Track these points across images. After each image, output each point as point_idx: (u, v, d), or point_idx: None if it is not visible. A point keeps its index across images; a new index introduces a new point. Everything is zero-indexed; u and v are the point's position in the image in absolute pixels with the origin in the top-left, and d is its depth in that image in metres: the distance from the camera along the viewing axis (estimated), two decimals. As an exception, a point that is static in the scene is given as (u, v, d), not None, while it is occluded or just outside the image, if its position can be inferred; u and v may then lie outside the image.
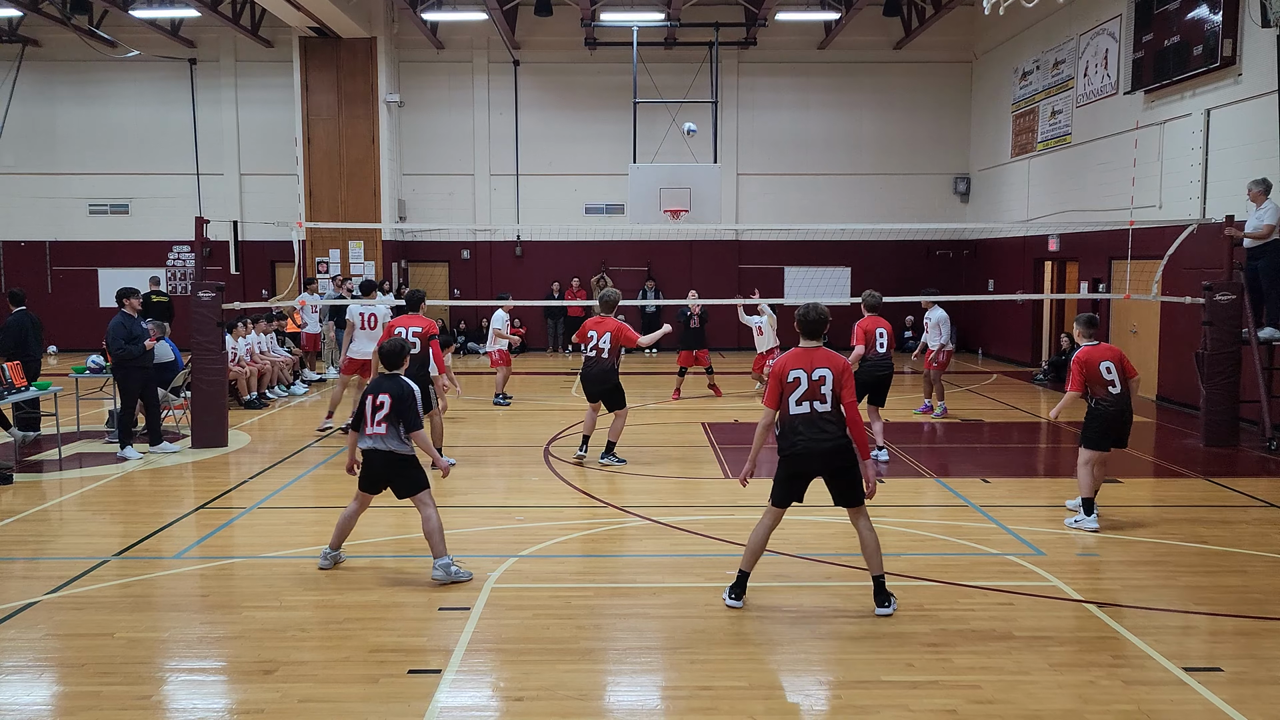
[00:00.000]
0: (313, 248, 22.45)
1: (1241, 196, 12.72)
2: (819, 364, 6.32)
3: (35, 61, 23.58)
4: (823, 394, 6.28)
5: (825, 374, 6.29)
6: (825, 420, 6.30)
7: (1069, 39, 18.59)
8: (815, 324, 6.43)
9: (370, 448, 6.98)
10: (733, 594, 6.51)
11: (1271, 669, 5.55)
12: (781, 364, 6.40)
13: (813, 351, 6.39)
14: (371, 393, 7.00)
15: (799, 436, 6.33)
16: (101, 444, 12.16)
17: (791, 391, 6.32)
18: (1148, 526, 8.45)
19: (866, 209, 23.57)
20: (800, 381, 6.30)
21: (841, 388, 6.30)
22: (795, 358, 6.38)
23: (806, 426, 6.31)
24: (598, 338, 10.55)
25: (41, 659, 5.76)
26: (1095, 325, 8.65)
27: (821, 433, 6.29)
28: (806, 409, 6.30)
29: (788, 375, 6.33)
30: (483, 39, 23.60)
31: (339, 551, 7.35)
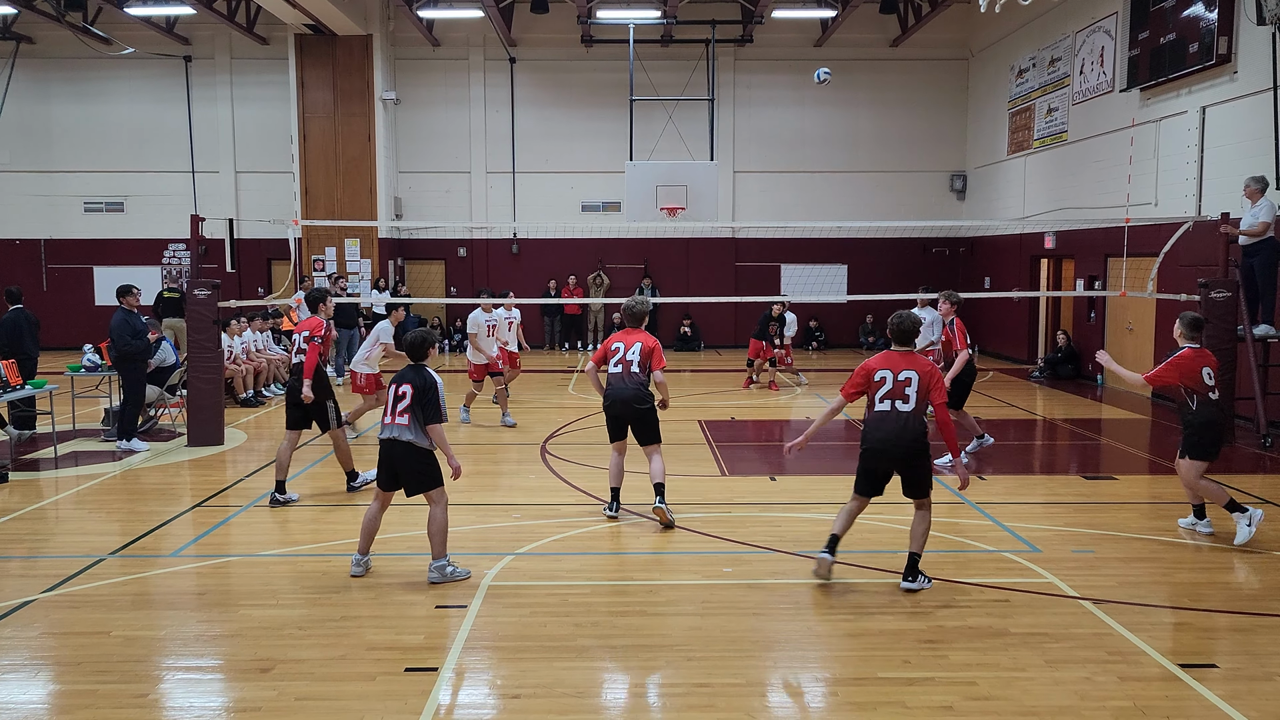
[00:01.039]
0: (309, 245, 22.43)
1: (1237, 194, 12.74)
2: (905, 366, 6.71)
3: (30, 59, 23.52)
4: (906, 394, 6.66)
5: (911, 376, 6.68)
6: (906, 419, 6.65)
7: (1065, 36, 18.61)
8: (907, 332, 6.87)
9: (390, 437, 6.89)
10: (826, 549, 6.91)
11: (1266, 665, 5.57)
12: (868, 364, 6.85)
13: (901, 355, 6.81)
14: (396, 382, 6.95)
15: (879, 433, 6.70)
16: (97, 442, 12.15)
17: (876, 390, 6.74)
18: (1143, 523, 8.47)
19: (863, 206, 23.58)
20: (886, 381, 6.70)
21: (930, 390, 6.66)
22: (882, 359, 6.82)
23: (882, 424, 6.69)
24: (625, 349, 8.59)
25: (38, 657, 5.75)
26: (1200, 328, 8.11)
27: (902, 431, 6.64)
28: (889, 407, 6.69)
29: (874, 375, 6.76)
30: (479, 36, 23.58)
31: (368, 556, 7.17)
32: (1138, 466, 11.07)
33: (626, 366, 8.47)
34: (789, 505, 9.18)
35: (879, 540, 8.00)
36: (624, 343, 8.61)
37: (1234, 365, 11.92)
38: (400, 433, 6.85)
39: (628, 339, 8.63)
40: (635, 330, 8.70)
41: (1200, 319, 8.16)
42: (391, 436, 6.89)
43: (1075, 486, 9.79)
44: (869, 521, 8.45)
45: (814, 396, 16.19)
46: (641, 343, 8.53)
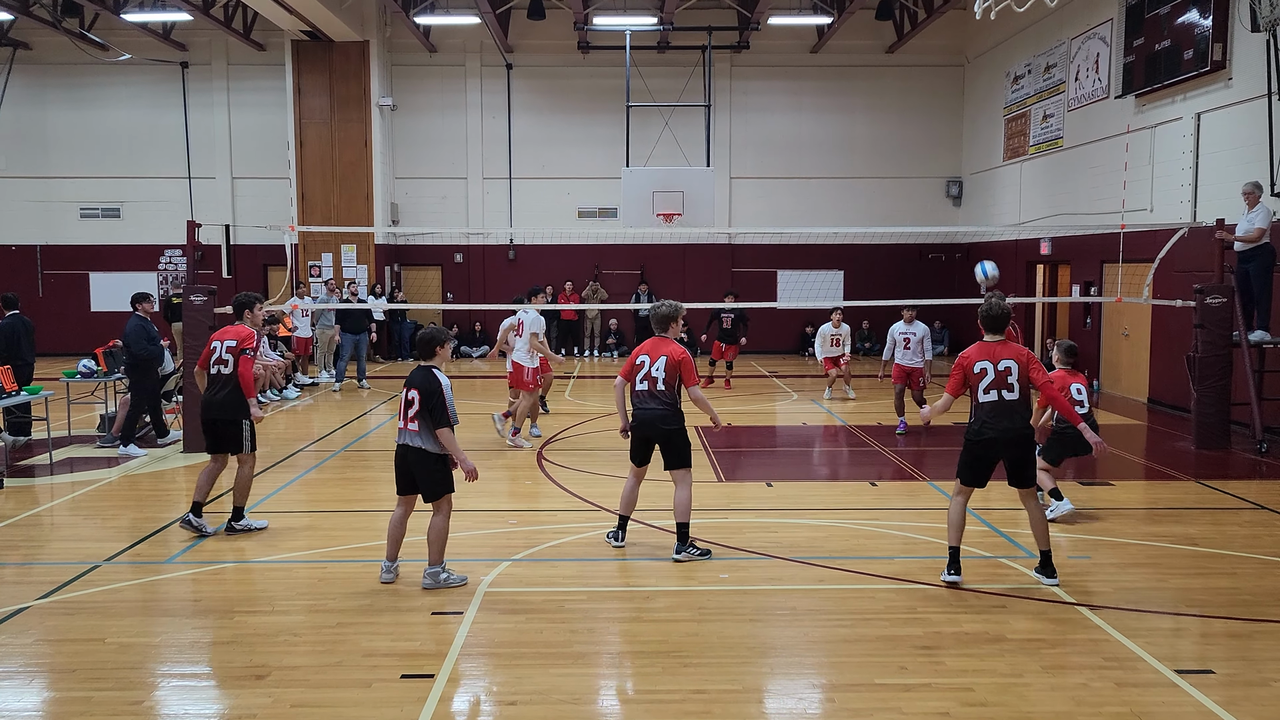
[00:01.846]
0: (305, 251, 22.42)
1: (1232, 200, 12.77)
2: (1003, 355, 6.77)
3: (26, 65, 23.52)
4: (1010, 383, 6.72)
5: (1011, 365, 6.73)
6: (1013, 408, 6.75)
7: (1060, 43, 18.66)
8: (998, 319, 6.88)
9: (402, 443, 6.88)
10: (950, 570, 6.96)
11: (1263, 671, 5.57)
12: (967, 356, 6.87)
13: (995, 345, 6.84)
14: (406, 386, 6.88)
15: (987, 424, 6.78)
16: (93, 448, 12.12)
17: (979, 381, 6.78)
18: (1139, 529, 8.47)
19: (859, 212, 23.62)
20: (987, 372, 6.75)
21: (1030, 373, 6.75)
22: (979, 350, 6.85)
23: (995, 415, 6.76)
24: (650, 363, 7.65)
25: (32, 664, 5.73)
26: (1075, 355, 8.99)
27: (1009, 420, 6.74)
28: (995, 397, 6.74)
29: (974, 367, 6.80)
30: (475, 42, 23.61)
31: (397, 562, 7.09)
32: (1133, 472, 11.08)
33: (652, 384, 7.59)
34: (785, 511, 9.17)
35: (876, 547, 8.00)
36: (649, 355, 7.69)
37: (1230, 371, 11.94)
38: (411, 439, 6.83)
39: (654, 350, 7.69)
40: (663, 340, 7.75)
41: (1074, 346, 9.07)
42: (404, 443, 6.88)
43: (1071, 492, 9.77)
44: (866, 527, 8.46)
45: (809, 402, 16.20)
46: (668, 355, 7.61)
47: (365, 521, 8.75)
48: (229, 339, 8.26)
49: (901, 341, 13.31)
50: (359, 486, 10.29)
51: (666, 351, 7.62)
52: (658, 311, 7.82)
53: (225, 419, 8.21)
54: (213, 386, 8.25)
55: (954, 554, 6.98)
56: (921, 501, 9.56)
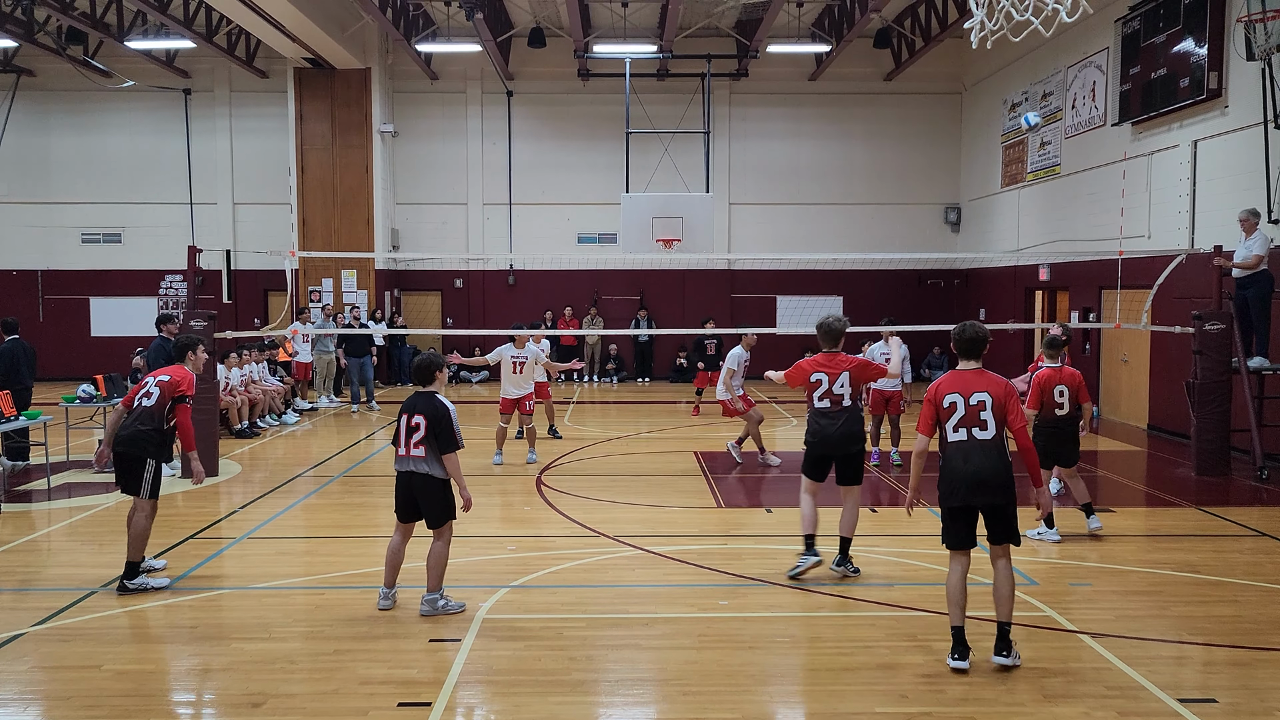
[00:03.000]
0: (306, 277, 22.46)
1: (1229, 227, 12.81)
2: (977, 387, 5.89)
3: (30, 91, 23.65)
4: (983, 420, 5.83)
5: (984, 399, 5.85)
6: (987, 449, 5.81)
7: (1057, 71, 18.79)
8: (973, 342, 6.06)
9: (406, 470, 6.86)
10: (955, 655, 5.88)
11: (1266, 700, 5.53)
12: (935, 388, 6.02)
13: (968, 374, 6.01)
14: (407, 412, 6.87)
15: (968, 467, 5.82)
16: (90, 474, 12.09)
17: (948, 418, 5.90)
18: (1140, 556, 8.44)
19: (858, 238, 23.68)
20: (956, 406, 5.87)
21: (1007, 412, 5.85)
22: (951, 381, 5.99)
23: (966, 456, 5.83)
24: (830, 381, 7.55)
25: (28, 691, 5.69)
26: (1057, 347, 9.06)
27: (984, 463, 5.80)
28: (964, 436, 5.85)
29: (942, 400, 5.92)
30: (476, 70, 23.76)
31: (395, 589, 7.05)
32: (1134, 499, 11.05)
33: (836, 401, 7.44)
34: (785, 538, 9.14)
35: (876, 574, 7.96)
36: (828, 372, 7.51)
37: (1229, 398, 11.94)
38: (417, 465, 6.83)
39: (831, 367, 7.53)
40: (834, 354, 7.63)
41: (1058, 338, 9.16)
42: (409, 470, 6.87)
43: (1072, 519, 9.75)
44: (866, 554, 8.41)
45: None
46: (850, 370, 7.52)
47: (363, 547, 8.72)
48: (163, 375, 7.69)
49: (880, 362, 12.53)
50: (357, 512, 10.26)
51: (846, 365, 7.56)
52: (833, 327, 7.66)
53: (132, 454, 7.46)
54: (129, 417, 7.56)
55: (958, 635, 5.89)
56: (922, 528, 9.50)
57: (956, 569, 5.99)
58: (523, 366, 12.80)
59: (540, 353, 13.25)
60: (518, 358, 12.78)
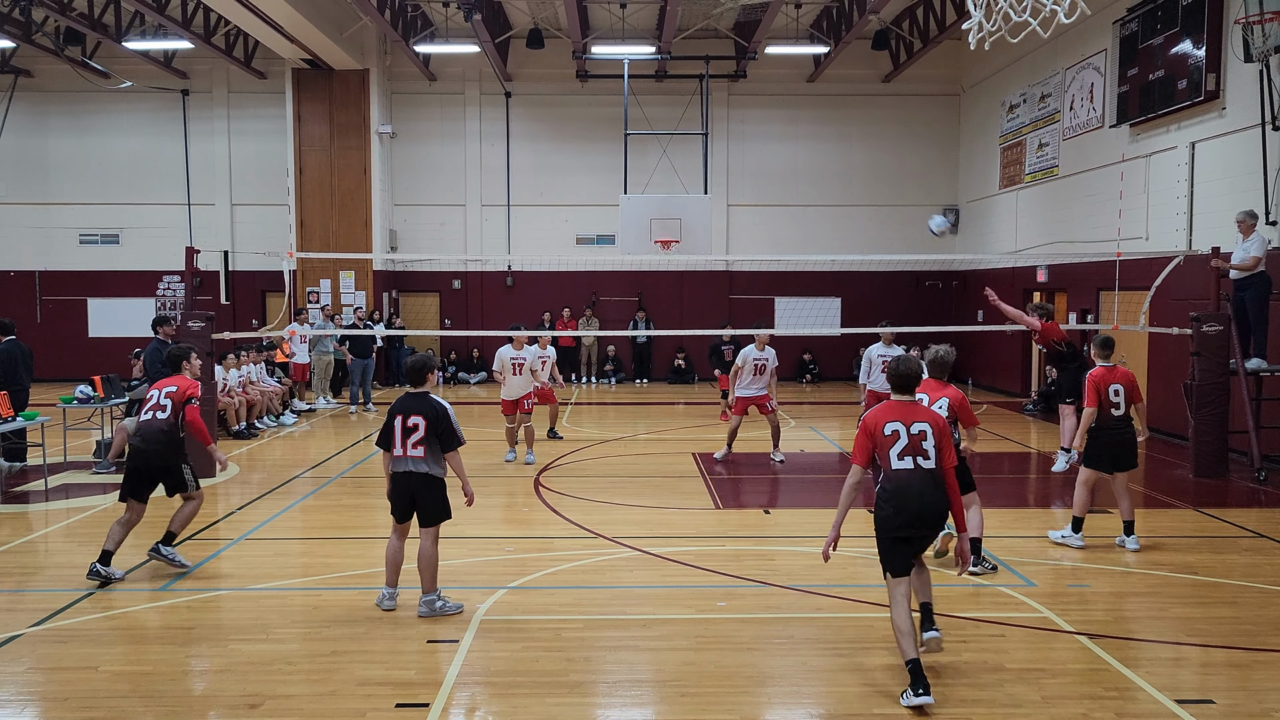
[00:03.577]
0: (304, 278, 22.44)
1: (1227, 228, 12.82)
2: (917, 417, 5.79)
3: (28, 92, 23.62)
4: (924, 449, 5.73)
5: (925, 429, 5.75)
6: (933, 480, 5.73)
7: (1055, 73, 18.81)
8: (907, 378, 5.91)
9: (405, 470, 6.89)
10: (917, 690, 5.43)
11: (1264, 701, 5.53)
12: (874, 418, 5.83)
13: (906, 405, 5.87)
14: (401, 413, 6.89)
15: (914, 495, 5.69)
16: (88, 475, 12.08)
17: (890, 445, 5.75)
18: (1138, 557, 8.44)
19: (856, 240, 23.69)
20: (899, 435, 5.75)
21: (942, 450, 5.77)
22: (889, 411, 5.84)
23: (912, 487, 5.70)
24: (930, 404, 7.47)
25: (24, 693, 5.68)
26: (1110, 347, 8.80)
27: (930, 497, 5.71)
28: (910, 465, 5.72)
29: (883, 429, 5.77)
30: (475, 71, 23.76)
31: (397, 589, 7.07)
32: (1132, 501, 11.02)
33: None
34: (783, 539, 9.14)
35: (874, 575, 7.93)
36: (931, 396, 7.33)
37: (1227, 399, 11.95)
38: (416, 465, 6.88)
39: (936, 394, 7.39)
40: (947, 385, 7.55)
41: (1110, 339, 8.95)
42: (408, 470, 6.89)
43: (1068, 519, 9.76)
44: (864, 555, 8.41)
45: (807, 429, 16.18)
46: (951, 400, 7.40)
47: (361, 549, 8.71)
48: (169, 386, 8.07)
49: (880, 365, 12.06)
50: (355, 513, 10.25)
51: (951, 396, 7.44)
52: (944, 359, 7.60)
53: (168, 466, 7.95)
54: (147, 433, 7.93)
55: (915, 668, 5.50)
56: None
57: (900, 599, 5.73)
58: (521, 367, 12.86)
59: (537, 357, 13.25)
60: (516, 359, 12.84)
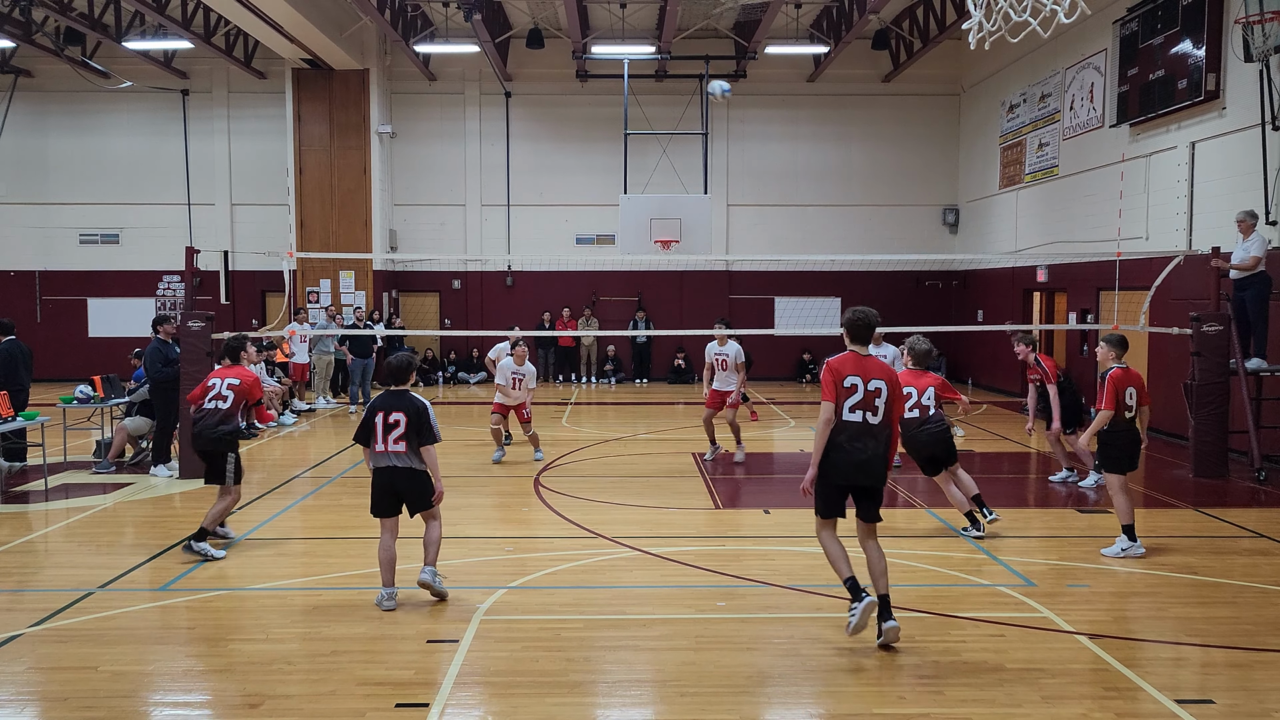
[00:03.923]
0: (303, 278, 22.44)
1: (1226, 228, 12.83)
2: (874, 374, 6.18)
3: (27, 92, 23.62)
4: (875, 405, 6.14)
5: (881, 386, 6.16)
6: (877, 433, 6.17)
7: (1055, 73, 18.80)
8: (867, 327, 6.28)
9: (388, 465, 7.02)
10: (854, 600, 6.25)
11: (1264, 701, 5.53)
12: (839, 364, 6.18)
13: (866, 359, 6.24)
14: (382, 410, 7.03)
15: (861, 447, 6.13)
16: (88, 475, 12.08)
17: (846, 398, 6.13)
18: (1138, 558, 8.43)
19: (856, 240, 23.69)
20: (856, 389, 6.13)
21: (893, 406, 6.22)
22: (851, 363, 6.20)
23: (856, 438, 6.13)
24: (919, 394, 8.98)
25: (24, 692, 5.68)
26: (1125, 346, 8.62)
27: (869, 445, 6.15)
28: (858, 418, 6.13)
29: (844, 380, 6.14)
30: (475, 71, 23.77)
31: (396, 588, 7.10)
32: (1132, 500, 11.02)
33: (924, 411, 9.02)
34: (783, 539, 9.14)
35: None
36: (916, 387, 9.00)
37: (1227, 399, 11.94)
38: (399, 460, 7.01)
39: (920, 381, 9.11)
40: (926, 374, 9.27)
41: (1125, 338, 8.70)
42: (390, 465, 7.02)
43: (1070, 520, 9.76)
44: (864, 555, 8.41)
45: (807, 429, 16.18)
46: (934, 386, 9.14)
47: (361, 548, 8.70)
48: (231, 378, 8.61)
49: None
50: (355, 513, 10.22)
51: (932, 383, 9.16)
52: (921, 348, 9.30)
53: (218, 452, 8.48)
54: (208, 419, 8.48)
55: (852, 584, 6.26)
56: (919, 529, 9.52)
57: (829, 534, 6.39)
58: (520, 382, 12.98)
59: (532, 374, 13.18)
60: (517, 374, 12.97)
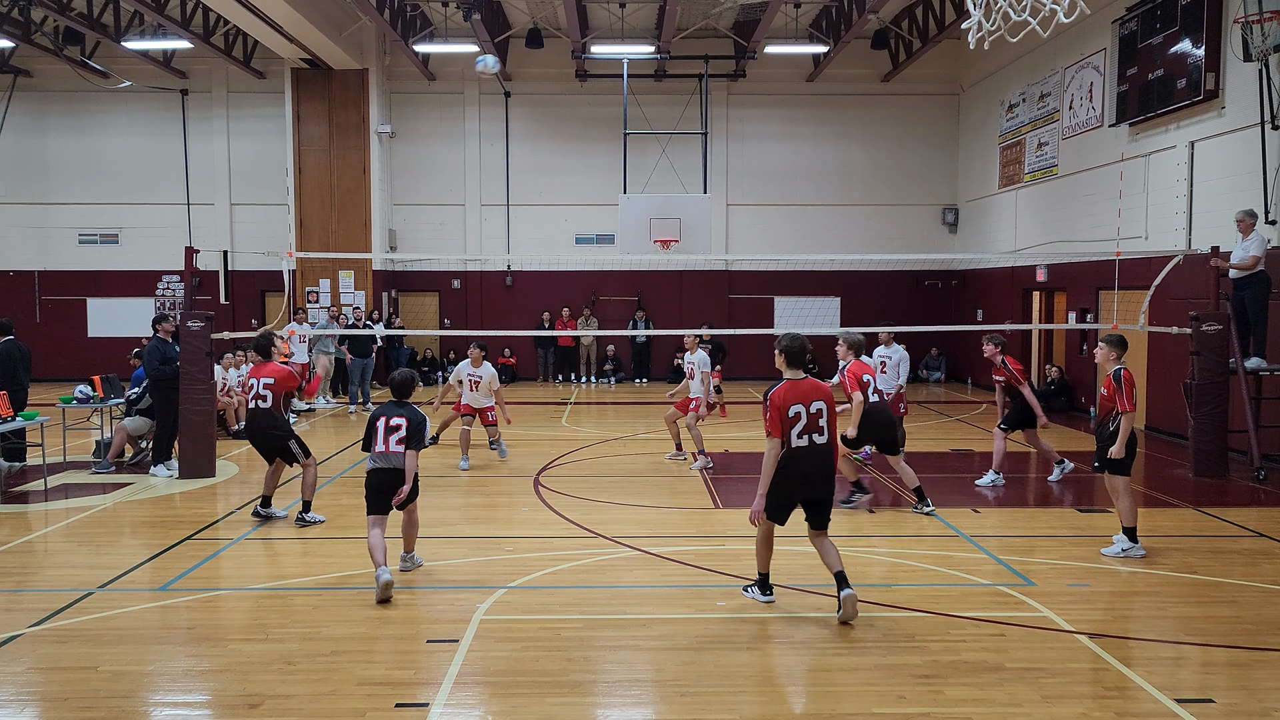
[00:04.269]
0: (303, 278, 22.44)
1: (1226, 228, 12.83)
2: (814, 397, 6.62)
3: (27, 92, 23.62)
4: (820, 426, 6.61)
5: (821, 407, 6.62)
6: (824, 452, 6.65)
7: (1054, 72, 18.81)
8: (799, 353, 6.76)
9: (386, 466, 7.48)
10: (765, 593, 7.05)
11: (1263, 700, 5.53)
12: (781, 397, 6.58)
13: (802, 384, 6.67)
14: (385, 415, 7.55)
15: (811, 469, 6.62)
16: (88, 475, 12.08)
17: (793, 425, 6.56)
18: (1138, 557, 8.43)
19: (855, 239, 23.70)
20: (801, 416, 6.56)
21: (831, 418, 6.68)
22: (790, 391, 6.61)
23: (815, 459, 6.62)
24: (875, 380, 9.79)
25: (24, 693, 5.68)
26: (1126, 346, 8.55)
27: (818, 464, 6.63)
28: (806, 442, 6.59)
29: (788, 410, 6.56)
30: (474, 70, 23.71)
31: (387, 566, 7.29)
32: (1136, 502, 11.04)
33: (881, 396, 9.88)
34: (781, 539, 9.10)
35: (873, 574, 7.97)
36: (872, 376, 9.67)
37: (1227, 398, 11.95)
38: (397, 461, 7.46)
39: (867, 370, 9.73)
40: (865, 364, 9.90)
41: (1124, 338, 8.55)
42: (391, 465, 7.47)
43: (1069, 520, 9.76)
44: (863, 555, 8.43)
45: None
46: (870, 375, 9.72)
47: (361, 548, 8.67)
48: (266, 377, 9.38)
49: (877, 365, 12.01)
50: (355, 513, 10.21)
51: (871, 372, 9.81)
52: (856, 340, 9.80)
53: (273, 447, 9.42)
54: (254, 418, 9.41)
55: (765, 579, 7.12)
56: (919, 529, 9.53)
57: (769, 531, 6.94)
58: (478, 384, 12.89)
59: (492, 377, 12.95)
60: (473, 376, 12.91)
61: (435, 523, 9.45)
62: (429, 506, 9.61)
